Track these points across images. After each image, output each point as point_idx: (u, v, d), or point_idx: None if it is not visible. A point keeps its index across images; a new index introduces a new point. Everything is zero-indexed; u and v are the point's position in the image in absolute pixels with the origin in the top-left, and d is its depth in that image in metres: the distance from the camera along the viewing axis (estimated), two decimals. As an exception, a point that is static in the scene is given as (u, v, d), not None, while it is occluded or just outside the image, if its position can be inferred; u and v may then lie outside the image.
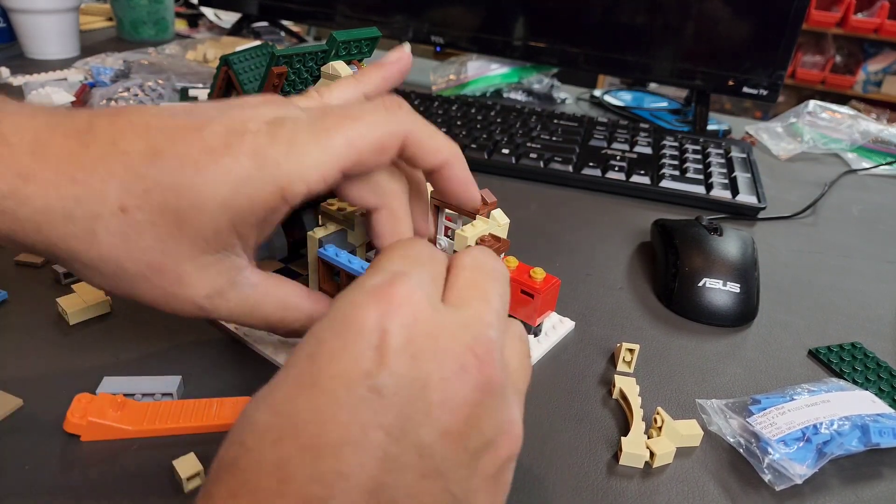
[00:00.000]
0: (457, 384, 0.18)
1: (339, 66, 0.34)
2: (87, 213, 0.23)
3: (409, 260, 0.21)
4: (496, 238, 0.32)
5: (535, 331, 0.36)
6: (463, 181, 0.28)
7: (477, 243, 0.32)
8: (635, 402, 0.31)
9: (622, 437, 0.29)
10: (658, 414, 0.30)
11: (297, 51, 0.33)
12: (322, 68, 0.35)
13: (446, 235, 0.36)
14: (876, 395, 0.34)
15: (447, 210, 0.36)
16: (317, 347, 0.18)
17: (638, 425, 0.30)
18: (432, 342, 0.18)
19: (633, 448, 0.29)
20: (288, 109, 0.25)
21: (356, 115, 0.24)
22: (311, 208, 0.41)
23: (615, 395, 0.33)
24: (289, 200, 0.24)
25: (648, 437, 0.30)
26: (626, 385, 0.32)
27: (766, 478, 0.28)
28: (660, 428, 0.30)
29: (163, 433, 0.28)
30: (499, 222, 0.33)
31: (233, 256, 0.25)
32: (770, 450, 0.29)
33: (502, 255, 0.34)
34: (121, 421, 0.27)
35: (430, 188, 0.36)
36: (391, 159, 0.26)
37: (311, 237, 0.32)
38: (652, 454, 0.29)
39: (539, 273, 0.34)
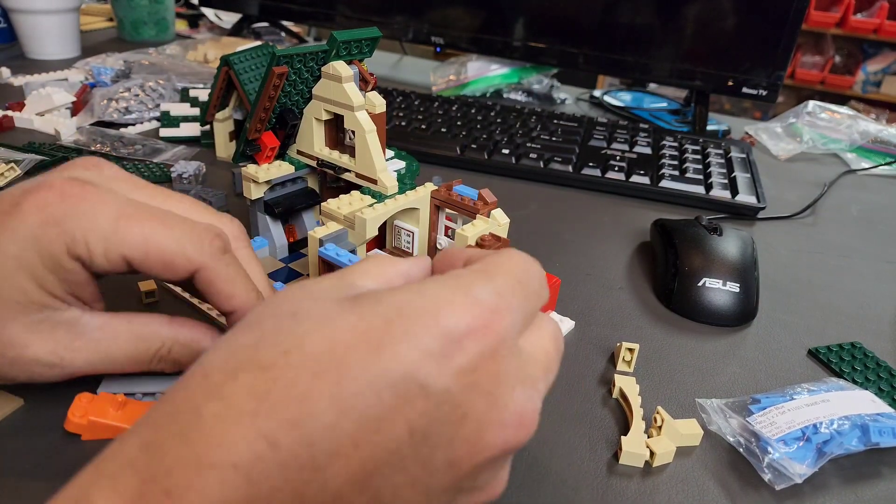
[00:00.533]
0: (490, 434, 0.18)
1: (339, 66, 0.34)
2: None
3: (520, 288, 0.20)
4: (496, 238, 0.32)
5: None
6: None
7: (477, 243, 0.32)
8: (635, 401, 0.31)
9: (622, 437, 0.29)
10: (658, 413, 0.30)
11: (297, 51, 0.34)
12: (323, 68, 0.35)
13: (447, 235, 0.37)
14: (875, 394, 0.34)
15: (447, 210, 0.36)
16: (397, 317, 0.18)
17: (638, 425, 0.30)
18: (495, 385, 0.18)
19: (633, 447, 0.29)
20: (101, 175, 0.26)
21: (167, 223, 0.25)
22: (310, 208, 0.41)
23: (615, 394, 0.33)
24: (81, 259, 0.24)
25: (648, 437, 0.30)
26: (626, 384, 0.32)
27: (766, 477, 0.28)
28: (660, 427, 0.30)
29: None
30: (499, 222, 0.33)
31: (61, 311, 0.25)
32: (770, 449, 0.29)
33: None
34: (122, 420, 0.27)
35: (430, 187, 0.36)
36: (180, 279, 0.26)
37: (311, 237, 0.32)
38: (652, 454, 0.29)
39: None
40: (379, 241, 0.38)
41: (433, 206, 0.36)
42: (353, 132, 0.35)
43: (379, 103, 0.35)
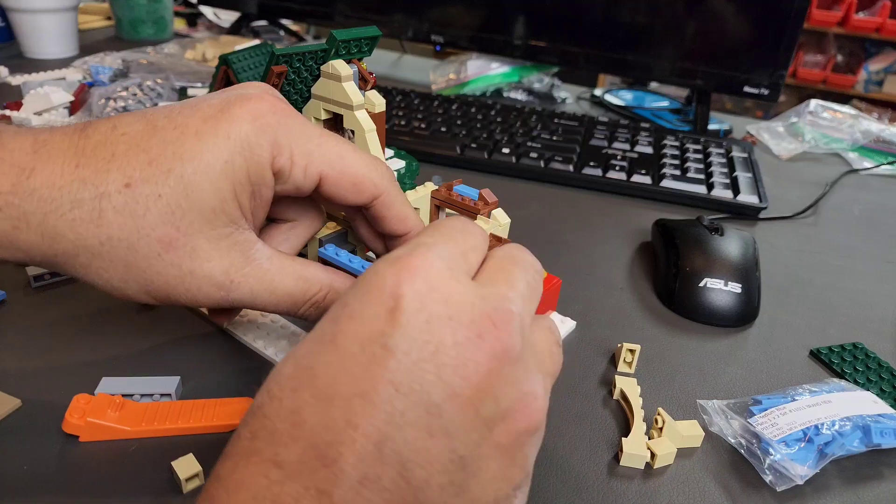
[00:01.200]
0: (470, 349, 0.18)
1: (338, 65, 0.34)
2: (92, 194, 0.23)
3: (439, 234, 0.21)
4: (497, 238, 0.32)
5: None
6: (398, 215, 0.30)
7: None
8: (636, 402, 0.31)
9: (623, 438, 0.29)
10: (659, 415, 0.30)
11: (296, 50, 0.33)
12: (322, 67, 0.35)
13: None
14: (877, 395, 0.34)
15: (448, 210, 0.35)
16: (340, 310, 0.19)
17: (639, 426, 0.30)
18: (447, 308, 0.18)
19: (634, 449, 0.29)
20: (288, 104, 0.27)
21: (356, 149, 0.27)
22: None
23: (616, 395, 0.33)
24: (282, 172, 0.25)
25: (649, 438, 0.30)
26: (627, 385, 0.32)
27: (768, 478, 0.28)
28: (661, 428, 0.30)
29: (161, 434, 0.28)
30: (500, 222, 0.33)
31: (243, 230, 0.26)
32: (771, 450, 0.29)
33: None
34: (119, 421, 0.27)
35: (430, 187, 0.36)
36: (363, 203, 0.28)
37: (311, 240, 0.32)
38: (653, 455, 0.29)
39: None
40: None
41: (433, 205, 0.36)
42: (353, 131, 0.35)
43: (378, 102, 0.35)
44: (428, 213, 0.36)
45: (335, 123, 0.37)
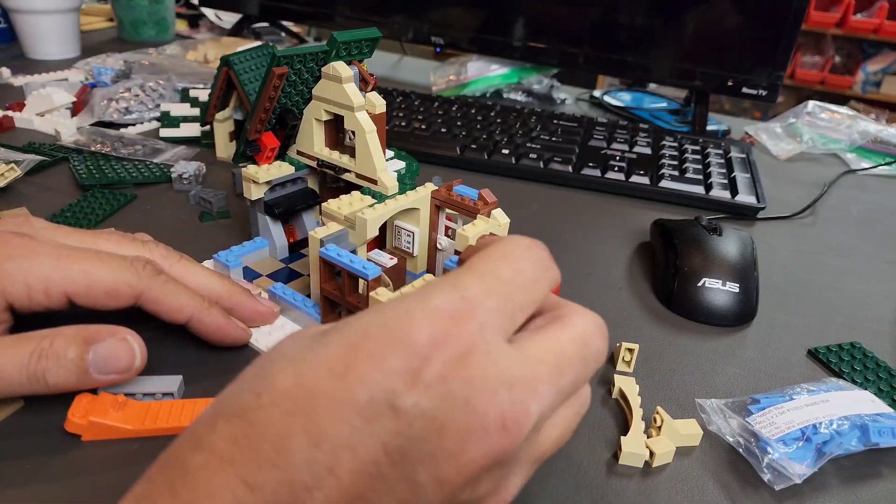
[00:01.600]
0: (472, 443, 0.17)
1: (339, 66, 0.34)
2: None
3: (495, 284, 0.19)
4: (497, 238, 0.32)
5: None
6: (215, 327, 0.32)
7: (478, 243, 0.32)
8: (635, 401, 0.31)
9: (622, 437, 0.29)
10: (658, 413, 0.30)
11: (297, 51, 0.34)
12: (323, 69, 0.35)
13: (447, 235, 0.37)
14: (875, 394, 0.34)
15: (448, 210, 0.36)
16: (360, 340, 0.18)
17: (637, 425, 0.30)
18: (468, 389, 0.17)
19: (633, 447, 0.29)
20: (35, 229, 0.30)
21: (103, 259, 0.29)
22: (310, 208, 0.41)
23: (615, 394, 0.33)
24: (10, 300, 0.27)
25: (648, 437, 0.30)
26: (626, 385, 0.32)
27: (766, 477, 0.28)
28: (659, 427, 0.30)
29: (164, 433, 0.28)
30: (499, 222, 0.33)
31: None
32: (769, 449, 0.29)
33: None
34: (122, 420, 0.27)
35: (430, 187, 0.36)
36: (125, 306, 0.30)
37: (312, 237, 0.32)
38: (651, 454, 0.29)
39: None
40: (379, 242, 0.38)
41: (433, 206, 0.36)
42: (353, 132, 0.35)
43: (379, 104, 0.35)
44: (428, 213, 0.36)
45: (336, 124, 0.37)
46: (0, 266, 0.27)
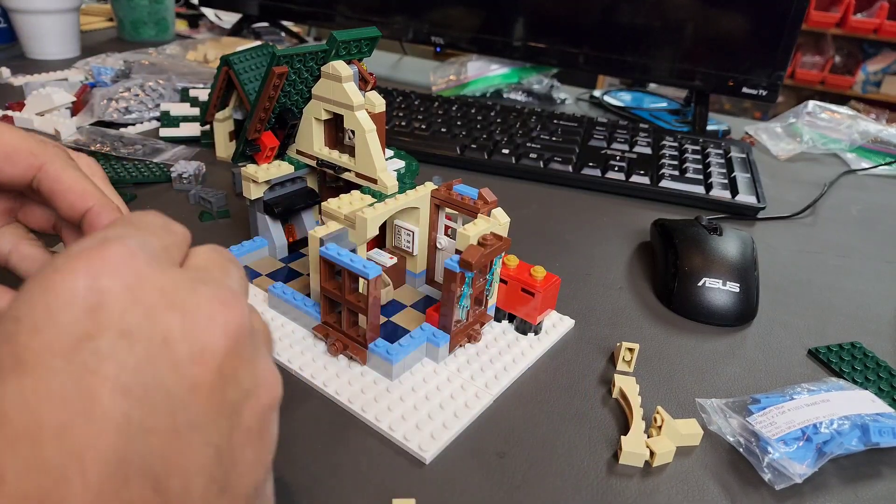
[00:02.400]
0: (204, 334, 0.16)
1: (339, 65, 0.34)
2: None
3: (133, 227, 0.18)
4: (497, 237, 0.32)
5: (535, 329, 0.36)
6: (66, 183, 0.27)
7: (479, 242, 0.32)
8: (635, 401, 0.31)
9: (622, 437, 0.29)
10: (658, 413, 0.30)
11: (297, 51, 0.34)
12: (322, 68, 0.35)
13: (447, 234, 0.37)
14: (875, 394, 0.34)
15: (447, 209, 0.36)
16: (14, 326, 0.15)
17: (638, 424, 0.30)
18: (167, 297, 0.16)
19: (634, 447, 0.29)
20: None
21: (13, 128, 0.26)
22: (310, 208, 0.41)
23: (615, 394, 0.33)
24: None
25: (648, 437, 0.30)
26: (626, 384, 0.32)
27: (766, 477, 0.28)
28: (660, 427, 0.30)
29: None
30: (499, 221, 0.33)
31: None
32: (770, 449, 0.29)
33: (503, 254, 0.34)
34: None
35: (430, 186, 0.36)
36: (21, 176, 0.26)
37: (312, 236, 0.32)
38: (652, 453, 0.29)
39: (539, 271, 0.35)
40: (379, 241, 0.38)
41: (433, 205, 0.36)
42: (353, 132, 0.35)
43: (378, 103, 0.35)
44: (428, 212, 0.36)
45: (335, 123, 0.37)
46: None
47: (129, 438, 0.14)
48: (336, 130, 0.38)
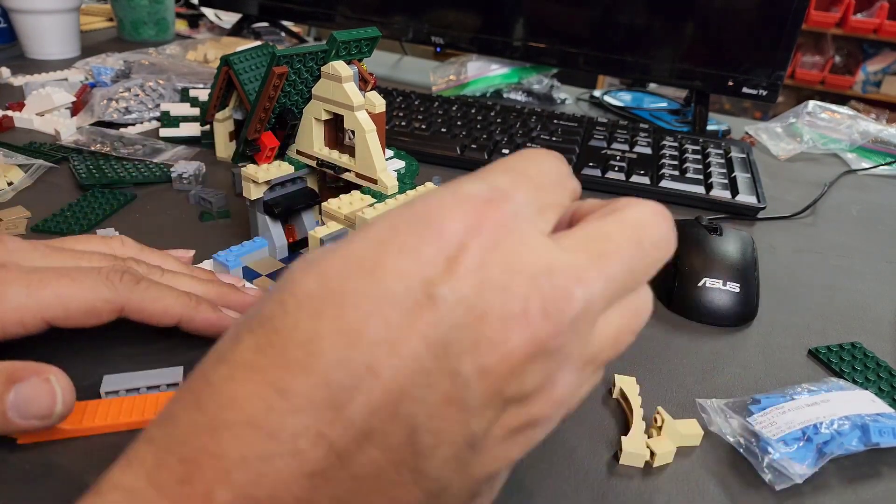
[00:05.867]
0: (514, 330, 0.16)
1: (339, 65, 0.34)
2: None
3: (523, 179, 0.18)
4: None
5: None
6: (207, 324, 0.31)
7: None
8: (636, 401, 0.31)
9: (622, 437, 0.29)
10: (658, 413, 0.30)
11: (297, 51, 0.34)
12: (322, 68, 0.35)
13: None
14: (876, 394, 0.34)
15: None
16: (389, 234, 0.16)
17: (638, 425, 0.30)
18: (505, 276, 0.16)
19: (634, 447, 0.29)
20: (8, 251, 0.29)
21: (75, 278, 0.28)
22: (310, 208, 0.41)
23: (615, 394, 0.33)
24: None
25: (648, 437, 0.30)
26: (627, 385, 0.32)
27: (767, 477, 0.28)
28: (660, 427, 0.30)
29: (101, 431, 0.27)
30: (374, 105, 0.34)
31: None
32: (770, 449, 0.29)
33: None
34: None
35: (430, 186, 0.36)
36: (108, 321, 0.29)
37: (312, 237, 0.32)
38: (652, 454, 0.29)
39: None
40: None
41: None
42: (353, 132, 0.35)
43: (378, 103, 0.35)
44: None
45: (335, 123, 0.37)
46: None
47: (414, 385, 0.15)
48: (336, 131, 0.38)
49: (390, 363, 0.15)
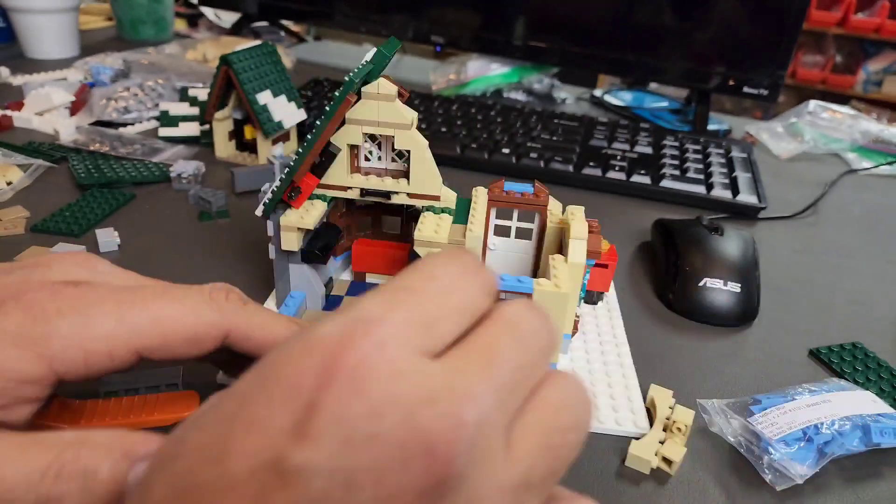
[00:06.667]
0: (392, 482, 0.13)
1: (387, 84, 0.32)
2: None
3: (403, 295, 0.16)
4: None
5: (599, 298, 0.38)
6: None
7: (589, 230, 0.31)
8: (662, 412, 0.31)
9: (632, 440, 0.29)
10: (681, 420, 0.30)
11: (361, 73, 0.31)
12: (364, 89, 0.32)
13: (496, 234, 0.35)
14: (877, 394, 0.34)
15: (497, 209, 0.34)
16: (237, 407, 0.14)
17: (656, 433, 0.30)
18: (376, 423, 0.13)
19: (641, 452, 0.28)
20: (94, 273, 0.23)
21: (175, 297, 0.22)
22: (339, 241, 0.38)
23: (647, 403, 0.32)
24: (59, 373, 0.20)
25: (662, 442, 0.29)
26: (659, 394, 0.32)
27: (767, 478, 0.28)
28: (681, 430, 0.29)
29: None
30: (415, 119, 0.32)
31: None
32: (771, 450, 0.29)
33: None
34: (55, 419, 0.26)
35: (483, 191, 0.35)
36: (207, 351, 0.23)
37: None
38: (670, 462, 0.28)
39: (604, 244, 0.35)
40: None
41: (487, 208, 0.35)
42: (409, 151, 0.33)
43: (412, 116, 0.33)
44: (484, 216, 0.34)
45: (354, 149, 0.34)
46: (47, 327, 0.20)
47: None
48: (355, 156, 0.35)
49: None
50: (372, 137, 0.34)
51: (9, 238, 0.42)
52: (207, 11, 1.06)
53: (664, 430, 0.30)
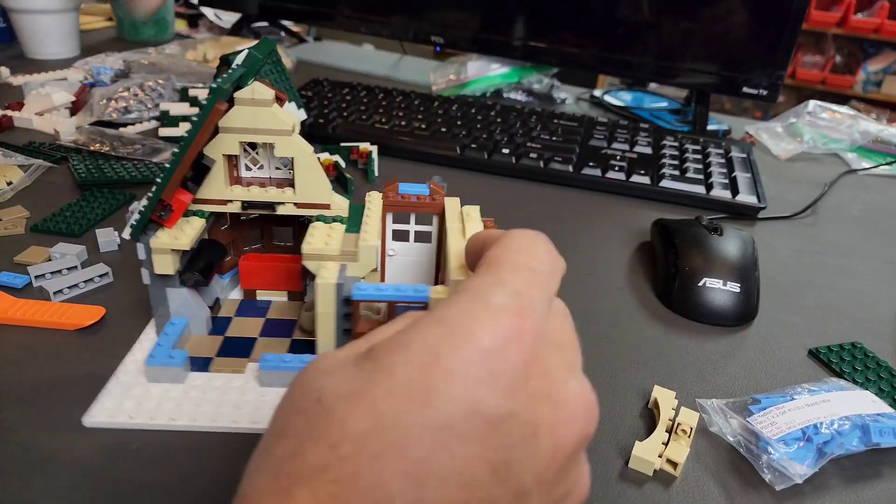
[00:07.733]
0: (564, 437, 0.17)
1: (262, 88, 0.29)
2: None
3: (532, 277, 0.19)
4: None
5: None
6: None
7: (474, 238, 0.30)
8: (665, 413, 0.31)
9: (637, 442, 0.29)
10: (686, 422, 0.30)
11: (231, 78, 0.29)
12: (236, 95, 0.29)
13: (394, 239, 0.34)
14: (876, 394, 0.34)
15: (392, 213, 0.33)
16: (430, 357, 0.16)
17: (659, 435, 0.30)
18: (549, 385, 0.17)
19: (645, 454, 0.28)
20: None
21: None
22: (222, 259, 0.35)
23: (650, 404, 0.32)
24: None
25: (668, 443, 0.29)
26: (662, 395, 0.32)
27: (767, 477, 0.28)
28: (685, 432, 0.29)
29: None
30: (297, 123, 0.30)
31: None
32: (770, 449, 0.29)
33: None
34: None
35: (378, 196, 0.33)
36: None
37: (324, 286, 0.28)
38: (674, 464, 0.28)
39: None
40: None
41: (383, 212, 0.33)
42: (292, 159, 0.31)
43: (298, 119, 0.31)
44: (379, 221, 0.32)
45: (231, 158, 0.32)
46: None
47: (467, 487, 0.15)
48: (234, 167, 0.32)
49: (460, 497, 0.15)
50: (252, 146, 0.31)
51: (9, 238, 0.42)
52: (208, 12, 1.06)
53: (667, 431, 0.30)
